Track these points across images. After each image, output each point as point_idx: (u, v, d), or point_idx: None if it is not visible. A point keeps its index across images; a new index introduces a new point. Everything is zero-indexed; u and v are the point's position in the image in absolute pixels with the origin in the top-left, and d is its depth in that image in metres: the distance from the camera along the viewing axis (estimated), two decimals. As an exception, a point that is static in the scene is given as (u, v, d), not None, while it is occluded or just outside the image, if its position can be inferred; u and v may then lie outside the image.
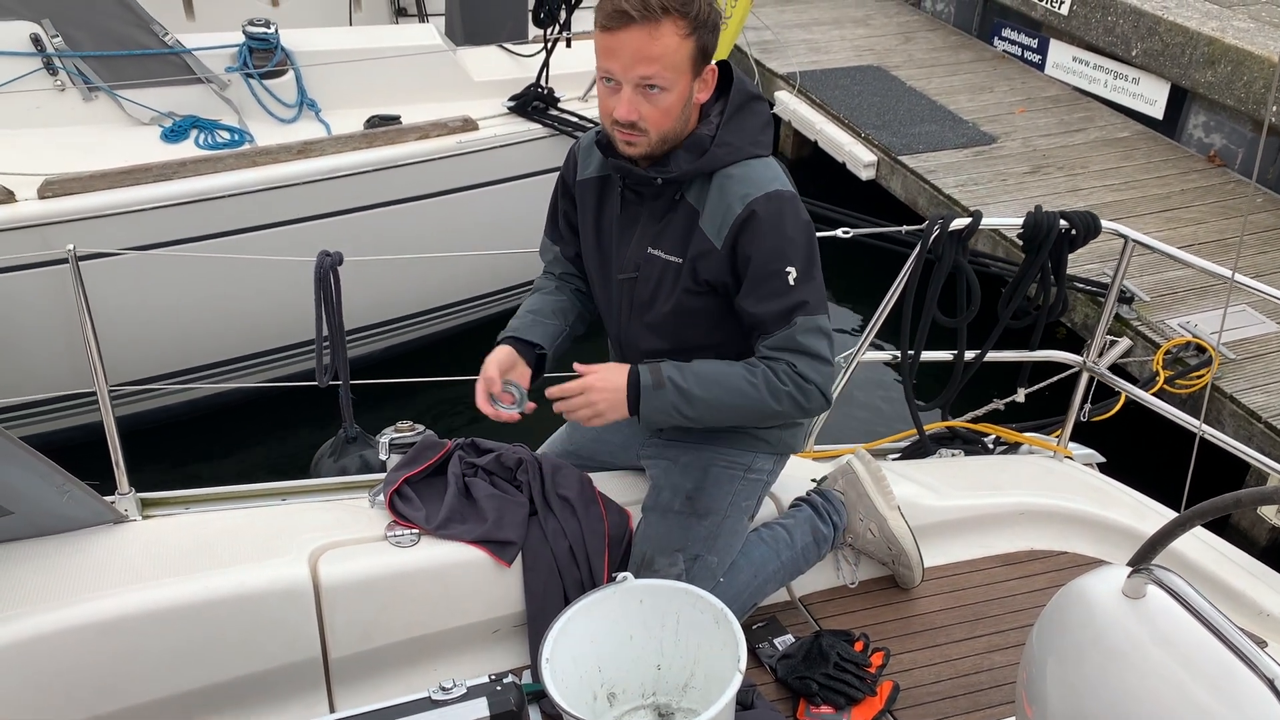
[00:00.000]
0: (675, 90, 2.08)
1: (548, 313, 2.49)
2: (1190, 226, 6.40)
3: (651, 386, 2.18)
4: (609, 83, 2.09)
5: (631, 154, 2.16)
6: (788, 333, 2.18)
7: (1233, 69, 6.93)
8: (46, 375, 4.34)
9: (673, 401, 2.19)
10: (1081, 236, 3.08)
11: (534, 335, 2.42)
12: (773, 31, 8.98)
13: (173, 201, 4.34)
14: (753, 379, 2.19)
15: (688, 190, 2.21)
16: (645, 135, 2.12)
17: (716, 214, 2.18)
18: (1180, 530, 1.62)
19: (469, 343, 5.71)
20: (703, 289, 2.25)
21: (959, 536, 2.92)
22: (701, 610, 2.16)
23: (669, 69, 2.04)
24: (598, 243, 2.40)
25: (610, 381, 2.18)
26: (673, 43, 2.03)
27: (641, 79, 2.05)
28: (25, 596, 2.21)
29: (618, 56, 2.04)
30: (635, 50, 2.02)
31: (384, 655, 2.43)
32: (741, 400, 2.20)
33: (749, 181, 2.16)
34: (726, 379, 2.20)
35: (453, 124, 4.92)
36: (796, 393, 2.19)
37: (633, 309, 2.37)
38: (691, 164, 2.17)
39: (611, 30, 2.02)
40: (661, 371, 2.19)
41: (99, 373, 2.69)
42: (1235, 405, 4.88)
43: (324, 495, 2.74)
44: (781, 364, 2.19)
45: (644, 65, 2.03)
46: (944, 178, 6.87)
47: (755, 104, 2.23)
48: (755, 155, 2.20)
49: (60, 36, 4.58)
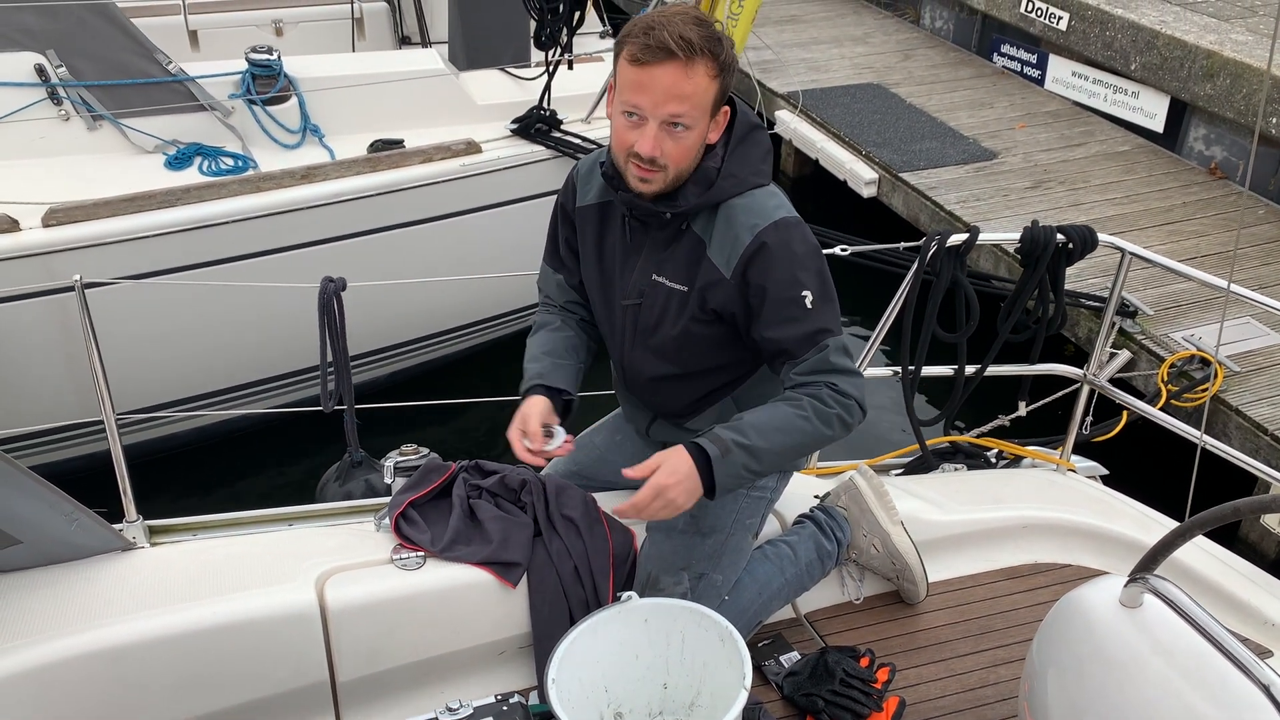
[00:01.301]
0: (698, 130, 2.08)
1: (562, 352, 2.47)
2: (1192, 239, 6.41)
3: (720, 456, 2.09)
4: (632, 117, 2.06)
5: (645, 190, 2.14)
6: (820, 356, 2.17)
7: (1232, 81, 6.95)
8: (52, 404, 4.35)
9: (742, 462, 2.11)
10: (1079, 250, 3.10)
11: (559, 381, 2.40)
12: (773, 51, 9.03)
13: (177, 228, 4.36)
14: (803, 413, 2.14)
15: (693, 221, 2.22)
16: (663, 172, 2.10)
17: (725, 244, 2.18)
18: (1181, 540, 1.63)
19: (474, 367, 5.74)
20: (710, 318, 2.25)
21: (963, 551, 2.93)
22: (707, 628, 2.17)
23: (697, 108, 2.04)
24: (600, 269, 2.40)
25: (677, 473, 2.08)
26: (704, 83, 2.03)
27: (671, 116, 2.03)
28: (34, 625, 2.22)
29: (649, 92, 2.02)
30: (668, 87, 2.00)
31: (391, 678, 2.44)
32: (800, 437, 2.15)
33: (755, 212, 2.17)
34: (781, 421, 2.14)
35: (456, 147, 4.95)
36: (843, 412, 2.16)
37: (637, 335, 2.37)
38: (699, 197, 2.17)
39: (646, 65, 1.99)
40: (722, 438, 2.11)
41: (105, 400, 2.72)
42: (1241, 418, 4.88)
43: (330, 520, 2.76)
44: (822, 388, 2.15)
45: (675, 103, 2.02)
46: (945, 194, 6.89)
47: (756, 134, 2.24)
48: (758, 185, 2.21)
49: (64, 67, 4.62)
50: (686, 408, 2.44)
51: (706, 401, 2.43)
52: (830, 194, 7.71)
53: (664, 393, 2.44)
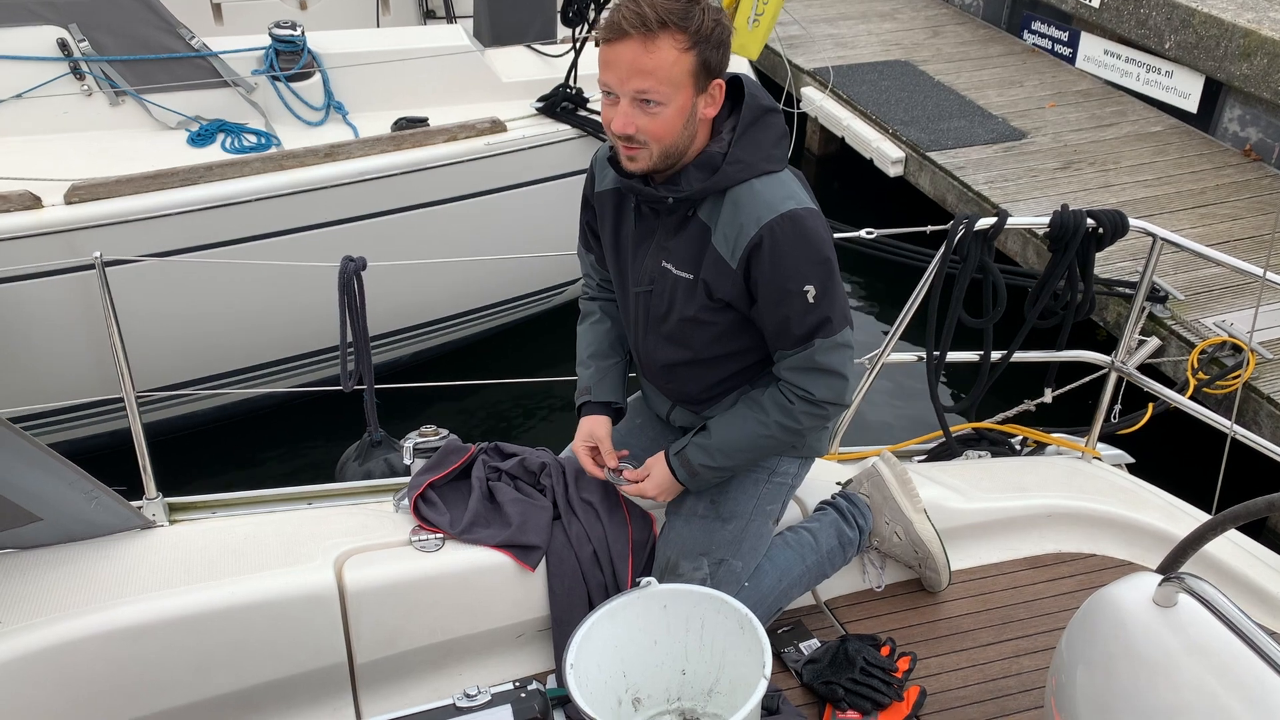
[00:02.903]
0: (673, 105, 2.05)
1: (606, 351, 2.55)
2: (1225, 223, 6.31)
3: (689, 479, 2.39)
4: (609, 95, 2.08)
5: (634, 169, 2.14)
6: (806, 353, 2.20)
7: (1269, 61, 6.82)
8: (73, 382, 4.37)
9: (712, 476, 2.39)
10: (1109, 235, 3.04)
11: (608, 394, 2.51)
12: (800, 26, 8.94)
13: (199, 206, 4.35)
14: (767, 431, 2.31)
15: (700, 207, 2.20)
16: (645, 148, 2.10)
17: (730, 233, 2.16)
18: (1212, 534, 1.60)
19: (495, 348, 5.73)
20: (718, 305, 2.24)
21: (986, 539, 2.90)
22: (726, 615, 2.16)
23: (665, 83, 2.02)
24: (616, 255, 2.40)
25: (661, 487, 2.41)
26: (670, 56, 2.00)
27: (637, 93, 2.03)
28: (55, 603, 2.23)
29: (614, 69, 2.03)
30: (630, 63, 2.01)
31: (409, 660, 2.45)
32: (764, 449, 2.37)
33: (762, 202, 2.13)
34: (746, 440, 2.33)
35: (481, 125, 4.91)
36: (812, 420, 2.29)
37: (649, 321, 2.37)
38: (703, 182, 2.15)
39: (610, 43, 2.02)
40: (692, 463, 2.36)
41: (125, 378, 2.72)
42: (1273, 406, 4.80)
43: (349, 499, 2.75)
44: (795, 402, 2.26)
45: (639, 79, 2.01)
46: (973, 174, 6.81)
47: (769, 117, 2.19)
48: (769, 171, 2.16)
49: (87, 41, 4.60)
50: (703, 394, 2.43)
51: (722, 388, 2.41)
52: (856, 173, 7.63)
53: (679, 379, 2.43)
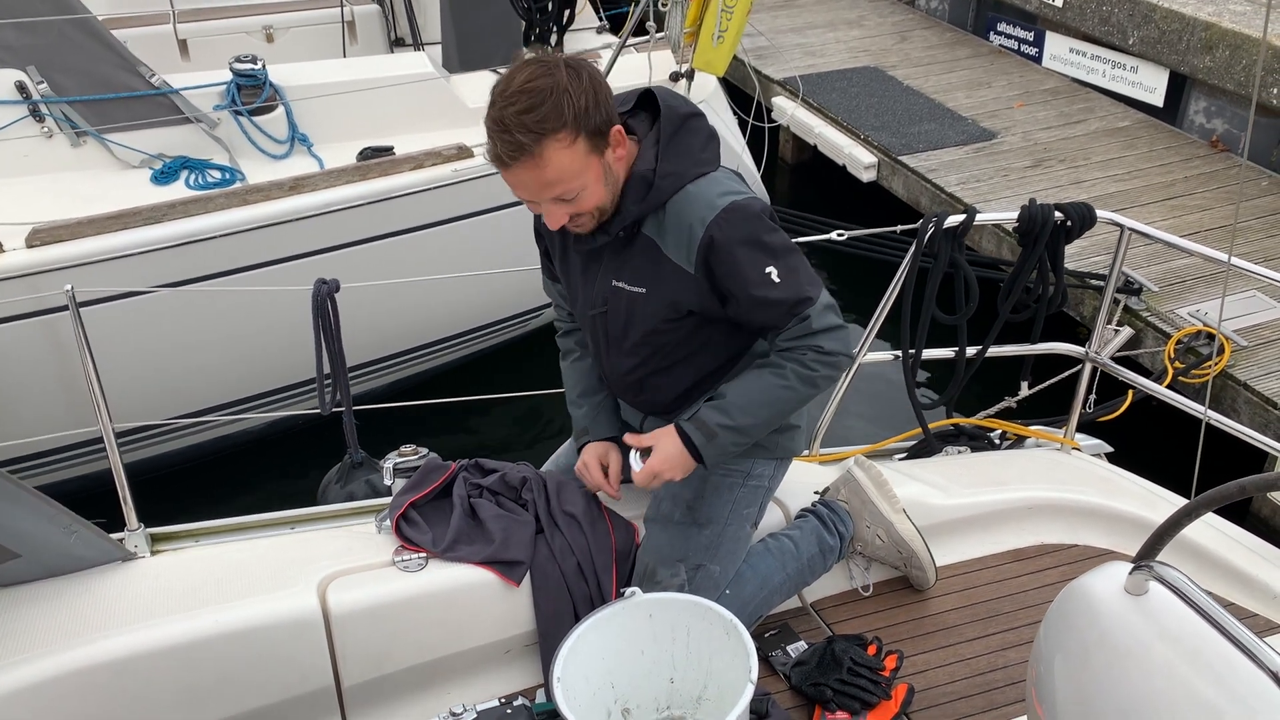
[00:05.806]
0: (589, 183, 2.07)
1: (595, 385, 2.55)
2: (1196, 214, 6.36)
3: (706, 442, 2.25)
4: (530, 201, 2.10)
5: (587, 232, 2.19)
6: (803, 325, 2.20)
7: (1231, 53, 6.90)
8: (47, 426, 4.26)
9: (730, 441, 2.25)
10: (1077, 228, 3.07)
11: (604, 431, 2.52)
12: (767, 38, 8.98)
13: (164, 245, 4.28)
14: (785, 382, 2.22)
15: (643, 224, 2.21)
16: (586, 216, 2.14)
17: (680, 240, 2.17)
18: (1187, 520, 1.61)
19: (471, 369, 5.71)
20: (682, 315, 2.25)
21: (968, 534, 2.91)
22: (711, 622, 2.16)
23: (572, 178, 2.03)
24: (568, 280, 2.43)
25: (670, 458, 2.27)
26: (563, 158, 1.99)
27: (553, 198, 2.06)
28: (36, 639, 2.22)
29: (521, 189, 2.06)
30: (532, 182, 2.03)
31: (397, 681, 2.44)
32: (786, 405, 2.25)
33: (702, 203, 2.14)
34: (765, 395, 2.23)
35: (447, 152, 4.86)
36: (829, 371, 2.23)
37: (608, 341, 2.38)
38: (640, 204, 2.17)
39: (504, 168, 2.02)
40: (707, 423, 2.24)
41: (101, 409, 2.70)
42: (1250, 393, 4.84)
43: (332, 521, 2.75)
44: (806, 352, 2.21)
45: (546, 190, 2.04)
46: (945, 176, 6.85)
47: (691, 122, 2.20)
48: (700, 174, 2.18)
49: (45, 82, 4.55)
50: (674, 402, 2.43)
51: (691, 395, 2.42)
52: (830, 180, 7.67)
53: (648, 390, 2.43)
